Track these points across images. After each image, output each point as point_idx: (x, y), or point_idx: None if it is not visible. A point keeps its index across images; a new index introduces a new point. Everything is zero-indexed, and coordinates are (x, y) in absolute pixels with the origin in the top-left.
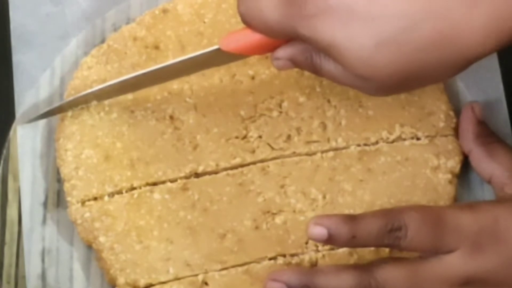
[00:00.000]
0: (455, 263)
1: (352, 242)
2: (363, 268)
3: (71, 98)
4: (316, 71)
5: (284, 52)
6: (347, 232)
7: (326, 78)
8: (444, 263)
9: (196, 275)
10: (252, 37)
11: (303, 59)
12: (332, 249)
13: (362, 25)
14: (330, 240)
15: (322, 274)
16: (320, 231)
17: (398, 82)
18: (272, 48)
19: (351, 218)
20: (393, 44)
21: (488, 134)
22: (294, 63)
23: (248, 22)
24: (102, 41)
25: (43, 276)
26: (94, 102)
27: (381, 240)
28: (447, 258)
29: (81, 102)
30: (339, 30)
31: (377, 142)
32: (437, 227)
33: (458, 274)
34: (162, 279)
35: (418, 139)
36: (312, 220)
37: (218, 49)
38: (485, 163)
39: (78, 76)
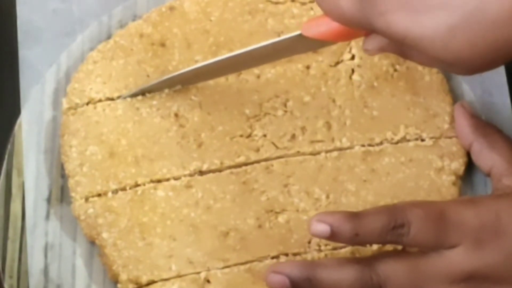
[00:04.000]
0: (457, 258)
1: (355, 240)
2: (364, 262)
3: (158, 80)
4: (407, 58)
5: (371, 44)
6: (350, 229)
7: (419, 64)
8: (446, 258)
9: (199, 272)
10: (334, 24)
11: (391, 49)
12: (334, 248)
13: (432, 13)
14: (333, 237)
15: (324, 267)
16: (322, 228)
17: (483, 61)
18: (355, 35)
19: (354, 216)
20: (465, 27)
21: (485, 124)
22: (384, 51)
23: (326, 13)
24: (108, 38)
25: (45, 271)
26: (179, 87)
27: (384, 237)
28: (449, 253)
29: (166, 86)
30: (412, 21)
31: (381, 143)
32: (440, 223)
33: (460, 270)
34: (165, 276)
35: (422, 140)
36: (314, 216)
37: (300, 35)
38: (486, 154)
39: (82, 69)
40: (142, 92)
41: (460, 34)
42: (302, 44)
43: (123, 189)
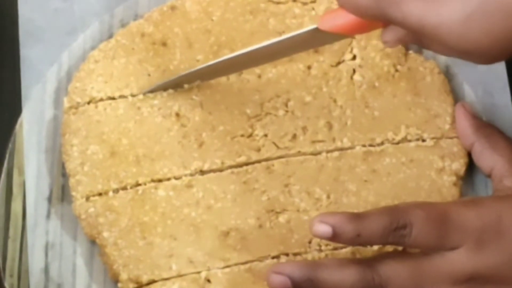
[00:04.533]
0: (459, 260)
1: (357, 241)
2: (366, 263)
3: (177, 75)
4: (425, 47)
5: (390, 36)
6: (352, 230)
7: (436, 53)
8: (448, 260)
9: (199, 272)
10: (350, 17)
11: (409, 39)
12: (335, 249)
13: (449, 2)
14: (335, 238)
15: (325, 267)
16: (324, 228)
17: (500, 49)
18: (371, 27)
19: (356, 217)
20: (482, 15)
21: (486, 125)
22: (402, 42)
23: (341, 6)
24: (110, 37)
25: (46, 270)
26: (198, 82)
27: (385, 238)
28: (451, 255)
29: (185, 81)
30: (428, 10)
31: (382, 143)
32: (442, 224)
33: (462, 271)
34: (165, 275)
35: (423, 140)
36: (316, 217)
37: (316, 29)
38: (487, 155)
39: (84, 69)
40: (165, 87)
41: (477, 22)
42: (318, 38)
43: (124, 188)
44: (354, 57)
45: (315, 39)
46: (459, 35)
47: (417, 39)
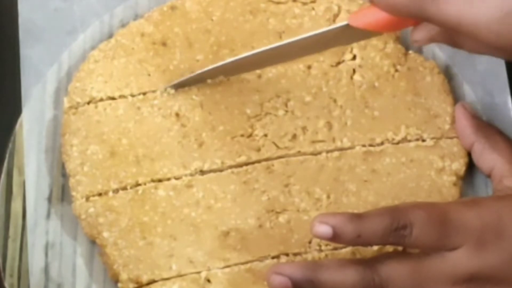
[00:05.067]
0: (460, 260)
1: (357, 241)
2: (366, 263)
3: (198, 72)
4: (457, 46)
5: (421, 35)
6: (352, 231)
7: (470, 52)
8: (448, 260)
9: (199, 272)
10: (382, 14)
11: (441, 38)
12: (335, 249)
13: None
14: (335, 239)
15: (325, 268)
16: (325, 229)
17: None
18: (402, 25)
19: (356, 217)
20: None
21: (486, 125)
22: (434, 41)
23: (375, 3)
24: (110, 37)
25: (46, 270)
26: (221, 77)
27: (386, 239)
28: (451, 255)
29: (208, 76)
30: (466, 7)
31: (382, 143)
32: (442, 225)
33: (463, 271)
34: (165, 275)
35: (423, 140)
36: (316, 217)
37: (347, 25)
38: (487, 155)
39: (84, 68)
40: (189, 83)
41: None
42: (347, 35)
43: (124, 188)
44: (354, 57)
45: (345, 36)
46: (496, 32)
47: (449, 37)
